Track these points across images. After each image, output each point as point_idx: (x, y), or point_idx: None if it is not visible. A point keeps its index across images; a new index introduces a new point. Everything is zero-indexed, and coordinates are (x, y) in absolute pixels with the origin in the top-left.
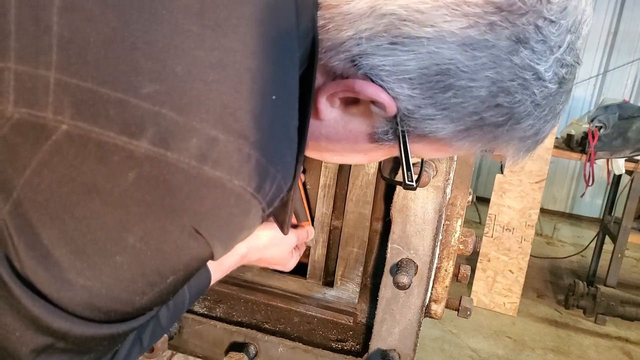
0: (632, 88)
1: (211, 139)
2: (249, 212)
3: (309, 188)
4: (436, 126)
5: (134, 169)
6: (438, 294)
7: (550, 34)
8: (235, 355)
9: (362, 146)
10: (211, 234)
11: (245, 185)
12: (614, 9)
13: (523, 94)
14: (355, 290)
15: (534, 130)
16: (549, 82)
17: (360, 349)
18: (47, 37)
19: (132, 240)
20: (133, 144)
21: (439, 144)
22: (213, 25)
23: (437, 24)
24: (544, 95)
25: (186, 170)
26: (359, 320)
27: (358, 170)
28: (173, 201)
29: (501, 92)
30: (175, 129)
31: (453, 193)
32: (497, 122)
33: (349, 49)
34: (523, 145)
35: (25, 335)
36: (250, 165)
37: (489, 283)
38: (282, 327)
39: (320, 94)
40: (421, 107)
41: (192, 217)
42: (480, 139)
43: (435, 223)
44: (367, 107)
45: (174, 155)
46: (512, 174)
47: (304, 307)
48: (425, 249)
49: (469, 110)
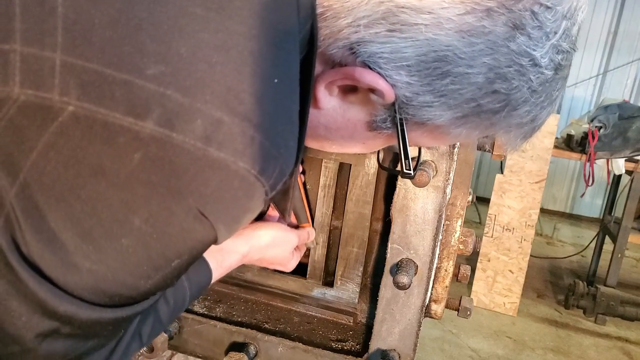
0: (632, 88)
1: (216, 120)
2: (253, 194)
3: (309, 188)
4: (434, 113)
5: (140, 150)
6: (438, 294)
7: (546, 20)
8: (235, 355)
9: (361, 135)
10: (216, 216)
11: (249, 168)
12: (614, 9)
13: (520, 80)
14: (355, 290)
15: (530, 117)
16: (545, 69)
17: (360, 349)
18: (52, 18)
19: (138, 222)
20: (139, 125)
21: (437, 131)
22: (217, 8)
23: (434, 10)
24: (540, 82)
25: (191, 151)
26: (359, 320)
27: (358, 170)
28: (178, 183)
29: (498, 78)
30: (180, 110)
31: (453, 193)
32: (494, 109)
33: (347, 37)
34: (520, 132)
35: (31, 319)
36: (254, 147)
37: (489, 283)
38: (282, 327)
39: (319, 82)
40: (419, 94)
41: (197, 199)
42: (478, 126)
43: (435, 223)
44: (365, 95)
45: (180, 136)
46: (512, 174)
47: (304, 307)
48: (425, 249)
49: (467, 97)
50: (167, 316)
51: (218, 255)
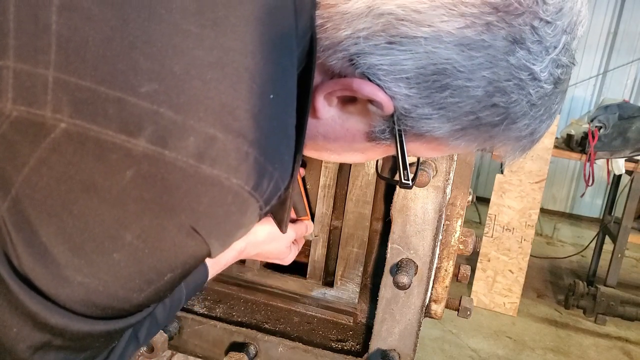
0: (632, 88)
1: (209, 137)
2: (246, 210)
3: (309, 187)
4: (433, 125)
5: (132, 167)
6: (438, 294)
7: (546, 35)
8: (235, 355)
9: (360, 145)
10: (208, 232)
11: (242, 184)
12: (614, 9)
13: (519, 94)
14: (355, 290)
15: (529, 130)
16: (545, 82)
17: (360, 349)
18: (46, 35)
19: (130, 237)
20: (131, 143)
21: (435, 143)
22: (212, 25)
23: (434, 23)
24: (539, 95)
25: (184, 168)
26: (359, 320)
27: (358, 171)
28: (171, 199)
29: (497, 91)
30: (173, 127)
31: (453, 193)
32: (493, 122)
33: (346, 48)
34: (519, 145)
35: (22, 331)
36: (248, 163)
37: (489, 283)
38: (282, 327)
39: (318, 92)
40: (418, 106)
41: (189, 216)
42: (477, 139)
43: (435, 223)
44: (364, 106)
45: (172, 153)
46: (512, 174)
47: (304, 307)
48: (425, 249)
49: (466, 109)
50: (163, 316)
51: None
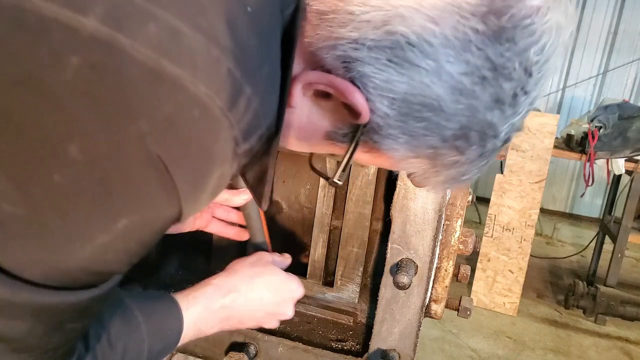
0: (632, 88)
1: (174, 29)
2: (218, 134)
3: (309, 188)
4: (394, 147)
5: (79, 52)
6: (438, 294)
7: (520, 103)
8: (235, 355)
9: (315, 140)
10: (175, 161)
11: (213, 95)
12: (614, 9)
13: (479, 145)
14: (355, 290)
15: (465, 175)
16: (499, 141)
17: (360, 349)
18: None
19: (75, 151)
20: (78, 21)
21: (384, 158)
22: None
23: (440, 60)
24: (490, 149)
25: (141, 61)
26: (359, 320)
27: (358, 171)
28: (125, 98)
29: (463, 137)
30: (131, 9)
31: (453, 193)
32: (446, 162)
33: (346, 50)
34: (448, 182)
35: None
36: (219, 72)
37: (489, 283)
38: (282, 327)
39: (298, 80)
40: (391, 126)
41: (148, 123)
42: (421, 166)
43: (435, 223)
44: (337, 106)
45: (127, 40)
46: (512, 174)
47: (304, 307)
48: (425, 248)
49: (430, 143)
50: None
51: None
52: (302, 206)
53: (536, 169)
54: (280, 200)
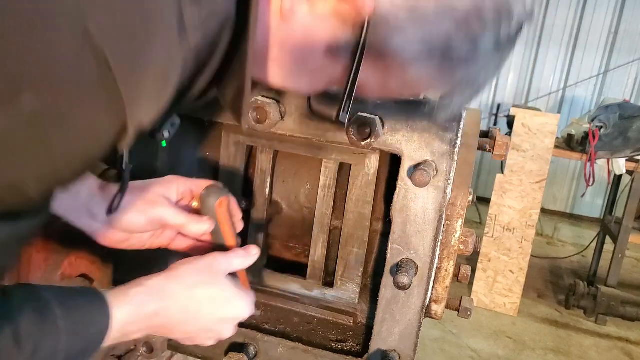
0: (633, 88)
1: None
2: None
3: (309, 188)
4: (405, 43)
5: None
6: (438, 294)
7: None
8: (235, 356)
9: (315, 60)
10: (104, 32)
11: None
12: (614, 9)
13: (493, 30)
14: (355, 290)
15: (481, 76)
16: (512, 24)
17: (360, 349)
18: None
19: None
20: None
21: (394, 70)
22: None
23: None
24: (505, 38)
25: None
26: (359, 321)
27: (358, 170)
28: None
29: (477, 19)
30: None
31: (453, 193)
32: (459, 57)
33: None
34: (463, 93)
35: None
36: None
37: (490, 283)
38: (282, 328)
39: None
40: (398, 15)
41: None
42: (438, 73)
43: (435, 223)
44: (336, 4)
45: None
46: (512, 174)
47: (304, 307)
48: (425, 249)
49: (442, 30)
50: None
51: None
52: (302, 206)
53: (537, 168)
54: (280, 200)
